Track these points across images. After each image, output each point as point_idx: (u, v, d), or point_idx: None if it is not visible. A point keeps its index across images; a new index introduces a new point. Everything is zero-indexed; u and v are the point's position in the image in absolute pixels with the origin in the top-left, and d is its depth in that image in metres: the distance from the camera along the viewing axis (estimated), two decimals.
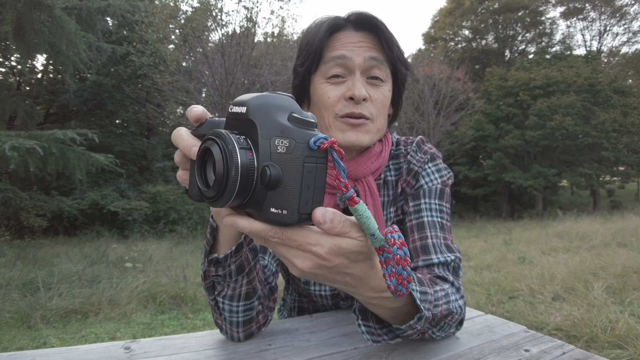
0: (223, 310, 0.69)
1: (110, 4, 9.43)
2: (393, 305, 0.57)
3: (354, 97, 0.75)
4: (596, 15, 23.11)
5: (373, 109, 0.78)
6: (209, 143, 0.38)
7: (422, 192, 0.84)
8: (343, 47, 0.77)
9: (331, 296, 0.90)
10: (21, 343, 3.06)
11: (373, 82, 0.79)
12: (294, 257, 0.43)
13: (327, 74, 0.78)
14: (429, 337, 0.70)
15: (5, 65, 10.88)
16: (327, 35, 0.78)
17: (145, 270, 5.12)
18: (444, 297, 0.68)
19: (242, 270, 0.65)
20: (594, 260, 4.95)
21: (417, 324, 0.59)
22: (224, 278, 0.65)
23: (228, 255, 0.62)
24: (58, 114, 14.09)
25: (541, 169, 17.26)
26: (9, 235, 7.85)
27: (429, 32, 26.72)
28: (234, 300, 0.68)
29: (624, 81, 21.65)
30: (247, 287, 0.68)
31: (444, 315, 0.66)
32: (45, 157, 5.98)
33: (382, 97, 0.80)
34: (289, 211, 0.38)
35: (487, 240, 8.79)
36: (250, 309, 0.70)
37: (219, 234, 0.63)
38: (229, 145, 0.37)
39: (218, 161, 0.37)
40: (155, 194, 11.25)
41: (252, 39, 10.67)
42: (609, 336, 2.63)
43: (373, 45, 0.78)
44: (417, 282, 0.60)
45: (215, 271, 0.65)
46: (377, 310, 0.59)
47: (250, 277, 0.67)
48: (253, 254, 0.66)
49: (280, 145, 0.37)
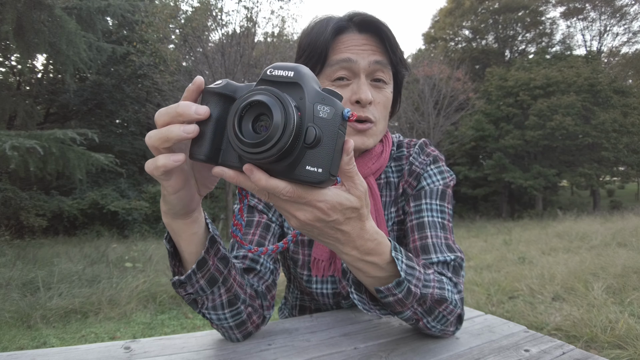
0: (212, 320, 0.69)
1: (111, 4, 9.43)
2: (377, 274, 0.59)
3: (360, 100, 0.75)
4: (596, 16, 23.12)
5: (377, 112, 0.79)
6: (262, 97, 0.40)
7: (424, 192, 0.85)
8: (348, 50, 0.77)
9: (333, 295, 0.91)
10: (21, 343, 3.06)
11: (377, 85, 0.79)
12: (297, 211, 0.47)
13: (332, 77, 0.78)
14: (425, 328, 0.70)
15: (5, 65, 10.89)
16: (332, 37, 0.78)
17: (145, 270, 5.12)
18: (437, 282, 0.68)
19: (214, 282, 0.63)
20: (594, 260, 4.95)
21: (396, 289, 0.60)
22: (197, 294, 0.63)
23: (190, 274, 0.60)
24: (58, 114, 14.10)
25: (541, 169, 17.26)
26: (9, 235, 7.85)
27: (429, 32, 26.74)
28: (217, 309, 0.66)
29: (624, 81, 21.67)
30: (227, 295, 0.66)
31: (436, 300, 0.66)
32: (45, 156, 5.99)
33: (385, 100, 0.81)
34: (323, 170, 0.42)
35: (487, 240, 8.79)
36: (237, 313, 0.69)
37: (182, 254, 0.61)
38: (285, 101, 0.40)
39: (276, 115, 0.39)
40: (155, 194, 11.26)
41: (252, 39, 10.67)
42: (609, 336, 2.63)
43: (377, 48, 0.79)
44: (404, 255, 0.62)
45: (184, 291, 0.62)
46: (364, 278, 0.61)
47: (227, 285, 0.65)
48: (224, 263, 0.63)
49: (323, 111, 0.42)
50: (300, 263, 0.90)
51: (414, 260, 0.65)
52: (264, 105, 0.40)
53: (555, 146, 17.79)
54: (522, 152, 18.62)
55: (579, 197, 25.46)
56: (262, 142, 0.39)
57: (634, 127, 17.46)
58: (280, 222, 0.89)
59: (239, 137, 0.40)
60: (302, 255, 0.89)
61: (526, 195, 19.07)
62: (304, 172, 0.42)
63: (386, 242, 0.59)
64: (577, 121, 16.87)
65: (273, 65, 0.44)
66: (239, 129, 0.41)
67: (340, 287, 0.89)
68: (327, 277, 0.89)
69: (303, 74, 0.43)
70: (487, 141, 18.71)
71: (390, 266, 0.60)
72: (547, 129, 16.95)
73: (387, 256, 0.59)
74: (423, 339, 0.74)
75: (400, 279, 0.59)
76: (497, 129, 18.83)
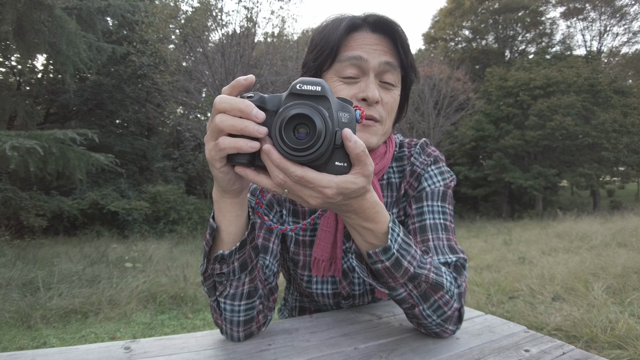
0: (224, 310, 0.69)
1: (111, 4, 9.44)
2: (373, 241, 0.64)
3: (367, 99, 0.76)
4: (596, 16, 23.11)
5: (383, 112, 0.79)
6: (304, 110, 0.49)
7: (425, 194, 0.85)
8: (359, 48, 0.78)
9: (332, 295, 0.91)
10: (21, 343, 3.05)
11: (385, 86, 0.80)
12: (308, 197, 0.53)
13: (342, 74, 0.78)
14: (421, 316, 0.70)
15: (5, 65, 10.90)
16: (345, 33, 0.78)
17: (145, 270, 5.12)
18: (435, 267, 0.69)
19: (245, 267, 0.67)
20: (594, 260, 4.95)
21: (383, 255, 0.63)
22: (227, 276, 0.66)
23: (233, 251, 0.64)
24: (58, 114, 14.10)
25: (541, 169, 17.26)
26: (9, 235, 7.85)
27: (429, 32, 26.74)
28: (235, 299, 0.68)
29: (624, 81, 21.64)
30: (249, 285, 0.69)
31: (432, 284, 0.67)
32: (46, 156, 5.98)
33: (392, 101, 0.81)
34: (347, 163, 0.53)
35: (487, 241, 8.79)
36: (251, 308, 0.70)
37: (221, 234, 0.65)
38: (323, 113, 0.50)
39: (318, 124, 0.49)
40: (155, 194, 11.25)
41: (252, 39, 10.67)
42: (609, 336, 2.63)
43: (388, 49, 0.79)
44: (402, 232, 0.65)
45: (219, 268, 0.66)
46: (361, 242, 0.65)
47: (252, 275, 0.69)
48: (255, 252, 0.68)
49: (344, 117, 0.53)
50: (300, 264, 0.90)
51: (412, 240, 0.67)
52: (305, 116, 0.49)
53: (555, 146, 17.79)
54: (522, 152, 18.62)
55: (579, 197, 25.47)
56: (309, 147, 0.49)
57: (634, 127, 17.45)
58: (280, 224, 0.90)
59: (285, 143, 0.50)
60: (302, 256, 0.89)
61: (526, 195, 19.07)
62: (334, 167, 0.53)
63: (385, 214, 0.63)
64: (577, 121, 16.86)
65: (300, 80, 0.52)
66: (285, 136, 0.50)
67: (340, 288, 0.90)
68: (327, 278, 0.89)
69: (327, 88, 0.52)
70: (487, 141, 18.71)
71: (385, 236, 0.63)
72: (547, 129, 16.95)
73: (384, 226, 0.62)
74: (423, 339, 0.74)
75: (386, 245, 0.62)
76: (497, 129, 18.83)
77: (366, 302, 0.94)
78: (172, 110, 14.01)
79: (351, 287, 0.90)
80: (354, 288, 0.90)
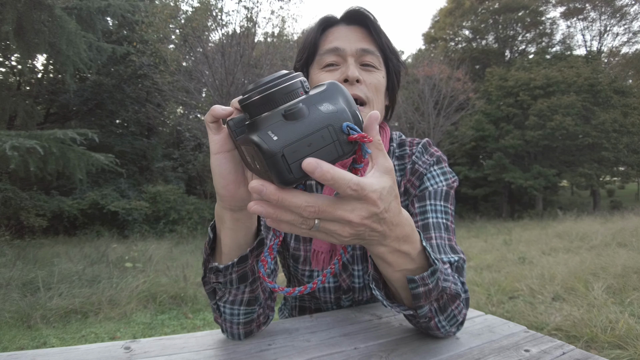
0: (224, 313, 0.69)
1: (111, 4, 9.44)
2: (407, 267, 0.56)
3: (347, 78, 0.79)
4: (596, 16, 23.12)
5: (368, 92, 0.81)
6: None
7: (428, 193, 0.85)
8: (336, 40, 0.83)
9: (334, 289, 0.91)
10: (21, 343, 3.06)
11: (366, 68, 0.83)
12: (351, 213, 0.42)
13: (322, 64, 0.83)
14: (435, 328, 0.68)
15: (5, 65, 10.89)
16: (320, 30, 0.85)
17: (145, 270, 5.13)
18: (452, 276, 0.68)
19: (245, 279, 0.64)
20: (594, 260, 4.95)
21: (430, 278, 0.57)
22: (225, 285, 0.65)
23: (229, 265, 0.61)
24: (58, 114, 14.10)
25: (541, 169, 17.26)
26: (9, 235, 7.84)
27: (429, 32, 26.73)
28: (235, 304, 0.68)
29: (624, 81, 21.64)
30: (250, 294, 0.67)
31: (451, 296, 0.65)
32: (46, 156, 5.99)
33: (376, 82, 0.82)
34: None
35: (487, 241, 8.79)
36: (251, 312, 0.70)
37: (220, 244, 0.62)
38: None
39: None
40: (155, 194, 11.26)
41: (252, 39, 10.67)
42: (609, 336, 2.63)
43: (364, 37, 0.84)
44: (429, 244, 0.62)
45: (215, 279, 0.64)
46: (391, 272, 0.57)
47: (253, 286, 0.66)
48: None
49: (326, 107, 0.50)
50: (301, 259, 0.90)
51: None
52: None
53: (555, 146, 17.79)
54: (522, 152, 18.62)
55: (579, 197, 25.47)
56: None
57: (634, 127, 17.46)
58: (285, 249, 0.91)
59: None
60: (303, 252, 0.89)
61: (526, 195, 19.07)
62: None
63: (415, 229, 0.56)
64: (577, 121, 16.87)
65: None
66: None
67: (340, 280, 0.90)
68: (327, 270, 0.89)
69: None
70: (487, 141, 18.71)
71: (420, 257, 0.57)
72: (547, 129, 16.95)
73: (419, 245, 0.56)
74: (423, 339, 0.74)
75: (435, 267, 0.57)
76: (497, 129, 18.83)
77: (366, 297, 0.94)
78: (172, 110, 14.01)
79: (351, 279, 0.90)
80: (353, 280, 0.90)
